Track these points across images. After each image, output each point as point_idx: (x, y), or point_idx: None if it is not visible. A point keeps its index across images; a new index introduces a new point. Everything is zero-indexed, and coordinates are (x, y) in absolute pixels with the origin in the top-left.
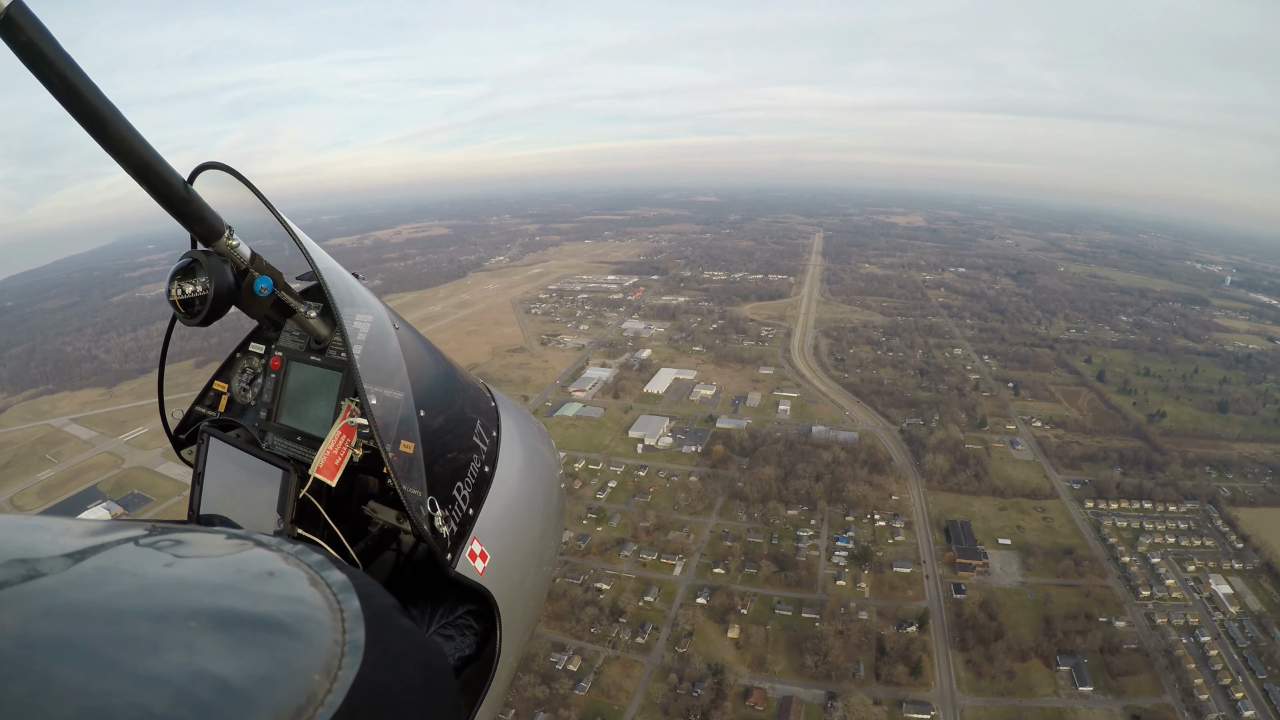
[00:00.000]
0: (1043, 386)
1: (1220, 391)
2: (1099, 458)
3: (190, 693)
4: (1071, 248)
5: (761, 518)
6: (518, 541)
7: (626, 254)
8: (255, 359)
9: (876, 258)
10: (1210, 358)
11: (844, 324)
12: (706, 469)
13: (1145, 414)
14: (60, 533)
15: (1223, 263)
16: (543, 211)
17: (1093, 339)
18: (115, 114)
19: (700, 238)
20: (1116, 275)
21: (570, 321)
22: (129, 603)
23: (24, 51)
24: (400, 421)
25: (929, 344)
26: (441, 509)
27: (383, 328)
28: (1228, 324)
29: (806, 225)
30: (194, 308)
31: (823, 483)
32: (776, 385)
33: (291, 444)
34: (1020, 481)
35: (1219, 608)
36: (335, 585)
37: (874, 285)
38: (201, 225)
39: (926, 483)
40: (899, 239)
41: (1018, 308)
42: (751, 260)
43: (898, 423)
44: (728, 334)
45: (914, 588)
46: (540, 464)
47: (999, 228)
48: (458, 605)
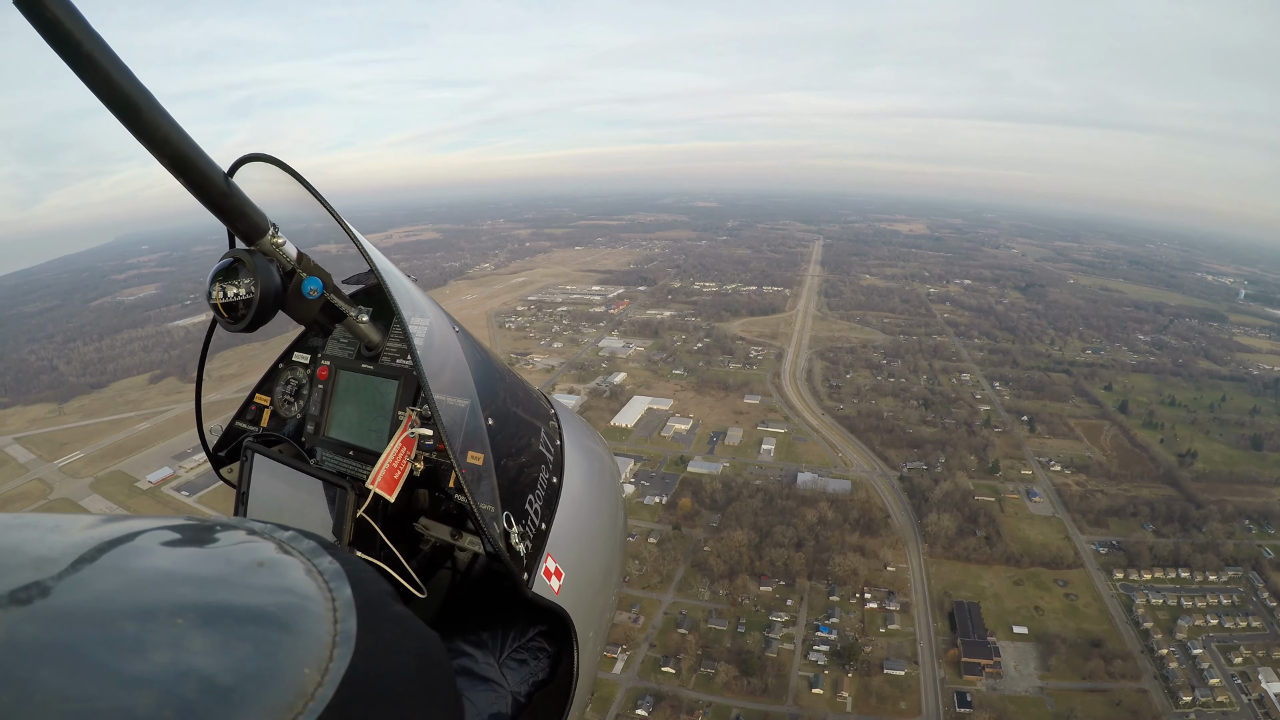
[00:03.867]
0: (1061, 420)
1: (1252, 424)
2: (1127, 512)
3: (176, 693)
4: (1079, 258)
5: (728, 596)
6: (589, 556)
7: (617, 262)
8: (300, 369)
9: (878, 268)
10: (1236, 383)
11: (841, 343)
12: (669, 527)
13: (1175, 453)
14: (49, 530)
15: (1233, 274)
16: (538, 216)
17: (1111, 362)
18: (149, 99)
19: (695, 245)
20: (1128, 288)
21: (545, 338)
22: (115, 601)
23: (49, 29)
24: (468, 431)
25: (934, 368)
26: (517, 524)
27: (443, 332)
28: (1249, 343)
29: (806, 233)
30: (238, 312)
31: (805, 551)
32: (762, 418)
33: (343, 459)
34: (1039, 545)
35: (1270, 713)
36: (327, 573)
37: (875, 299)
38: (244, 222)
39: (929, 549)
40: (901, 248)
41: (1029, 325)
42: (746, 270)
43: (898, 467)
44: (713, 355)
45: (909, 697)
46: (603, 472)
47: (1004, 236)
48: (529, 627)
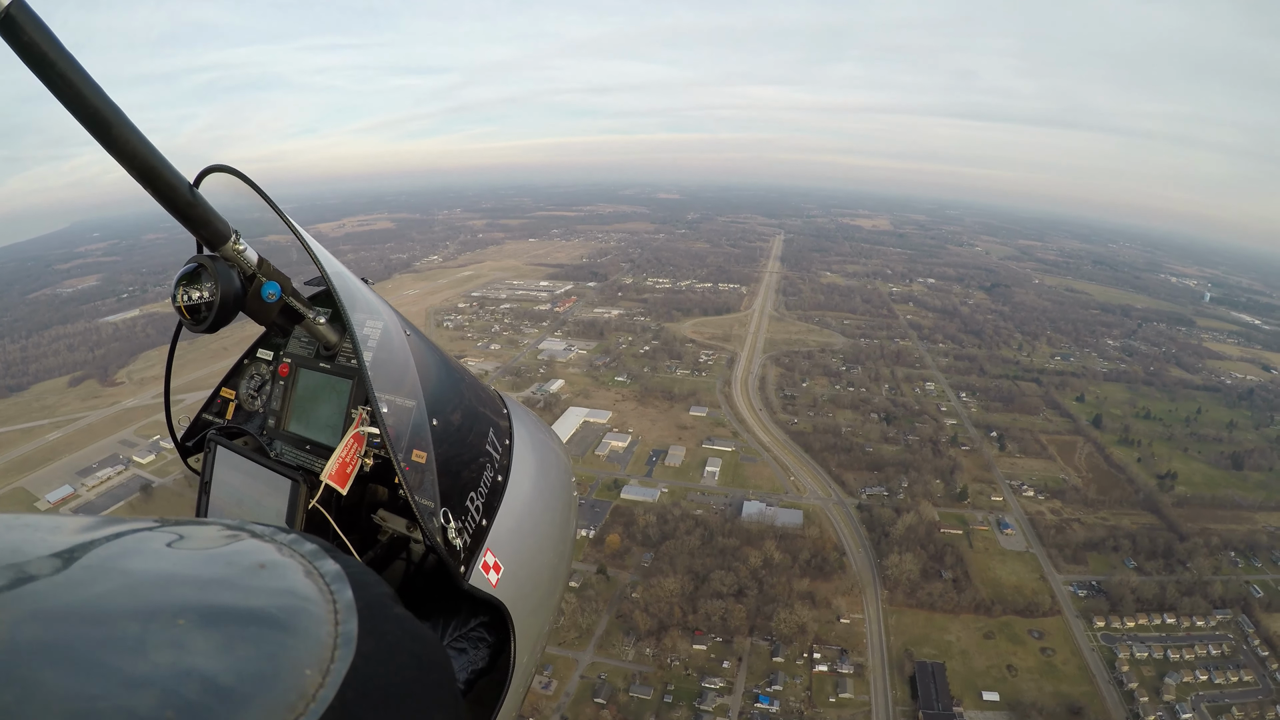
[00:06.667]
0: (1032, 437)
1: (1230, 440)
2: (1107, 545)
3: (177, 693)
4: (1043, 257)
5: (655, 657)
6: (531, 551)
7: (569, 255)
8: (263, 365)
9: (840, 265)
10: (1210, 393)
11: (798, 347)
12: (593, 569)
13: (1154, 474)
14: (50, 531)
15: (1196, 276)
16: (496, 206)
17: (1081, 369)
18: (119, 116)
19: (653, 238)
20: (1094, 290)
21: (483, 339)
22: (117, 602)
23: (25, 52)
24: (412, 430)
25: (896, 375)
26: (454, 520)
27: (393, 334)
28: (1218, 349)
29: (768, 227)
30: (200, 314)
31: (746, 602)
32: (708, 434)
33: (300, 452)
34: (1011, 587)
35: None
36: (328, 575)
37: (835, 298)
38: (207, 229)
39: (889, 595)
40: (864, 243)
41: (995, 329)
42: (703, 265)
43: (856, 494)
44: (659, 360)
45: None
46: (553, 470)
47: (968, 233)
48: (470, 617)
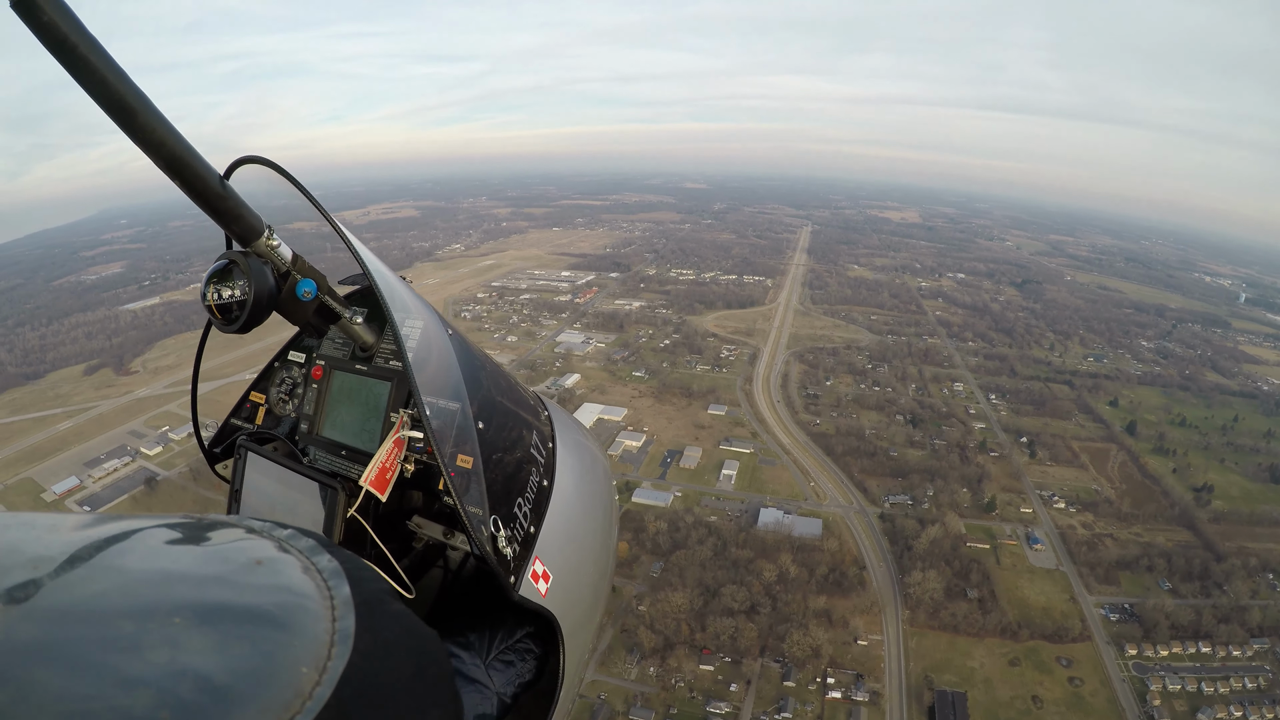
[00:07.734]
0: (1064, 443)
1: (1268, 451)
2: (1141, 564)
3: (172, 692)
4: (1075, 252)
5: (659, 677)
6: (578, 558)
7: (593, 244)
8: (295, 368)
9: (867, 258)
10: (1247, 399)
11: (823, 343)
12: None
13: (1190, 486)
14: (47, 529)
15: (1230, 275)
16: (521, 195)
17: (1115, 371)
18: (145, 102)
19: (678, 228)
20: (1127, 288)
21: (500, 330)
22: (112, 601)
23: (45, 33)
24: (457, 434)
25: (924, 375)
26: (504, 528)
27: (435, 334)
28: (1254, 352)
29: (795, 218)
30: (231, 313)
31: (758, 620)
32: (726, 434)
33: (335, 458)
34: (1039, 609)
35: None
36: (326, 571)
37: (862, 293)
38: (239, 224)
39: (910, 616)
40: (892, 236)
41: (1027, 327)
42: (728, 257)
43: (879, 502)
44: (679, 355)
45: None
46: (596, 475)
47: (998, 227)
48: (516, 628)
